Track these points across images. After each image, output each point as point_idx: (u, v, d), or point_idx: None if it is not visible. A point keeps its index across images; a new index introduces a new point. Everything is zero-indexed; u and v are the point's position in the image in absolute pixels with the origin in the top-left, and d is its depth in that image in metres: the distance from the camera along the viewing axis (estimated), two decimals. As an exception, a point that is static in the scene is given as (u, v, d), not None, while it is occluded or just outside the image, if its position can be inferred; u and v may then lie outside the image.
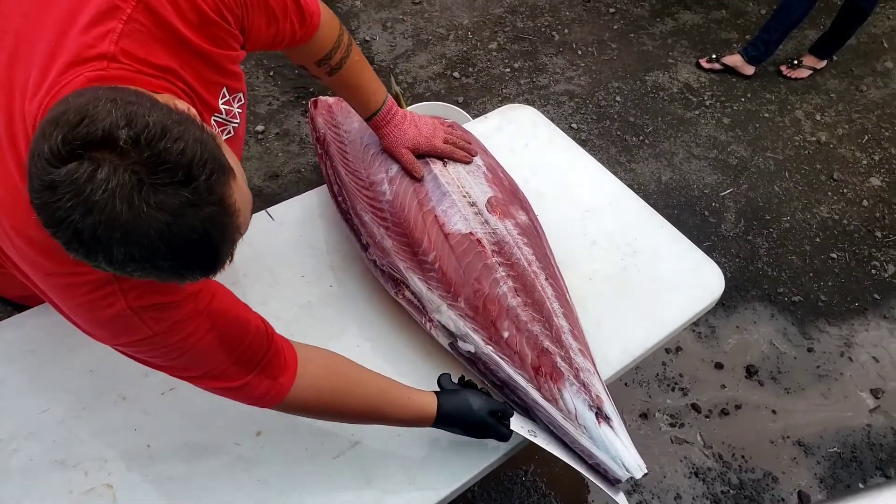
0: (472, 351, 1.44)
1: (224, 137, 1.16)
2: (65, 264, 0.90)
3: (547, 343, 1.41)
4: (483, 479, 1.46)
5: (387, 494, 1.35)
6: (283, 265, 1.72)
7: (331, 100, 1.95)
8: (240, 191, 0.84)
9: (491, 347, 1.43)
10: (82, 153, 0.71)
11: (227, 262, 0.86)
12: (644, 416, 2.62)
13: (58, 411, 1.42)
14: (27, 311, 1.58)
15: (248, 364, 1.12)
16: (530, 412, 1.41)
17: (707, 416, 2.64)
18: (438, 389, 1.36)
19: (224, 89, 1.14)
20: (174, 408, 1.44)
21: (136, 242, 0.75)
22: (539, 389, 1.38)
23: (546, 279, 1.51)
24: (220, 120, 1.16)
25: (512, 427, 1.36)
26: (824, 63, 4.25)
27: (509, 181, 1.74)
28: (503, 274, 1.48)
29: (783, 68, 4.24)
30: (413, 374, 1.51)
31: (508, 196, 1.66)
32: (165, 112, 0.77)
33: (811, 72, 4.22)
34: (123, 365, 1.48)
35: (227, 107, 1.17)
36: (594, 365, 1.43)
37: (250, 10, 1.14)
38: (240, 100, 1.21)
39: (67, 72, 0.88)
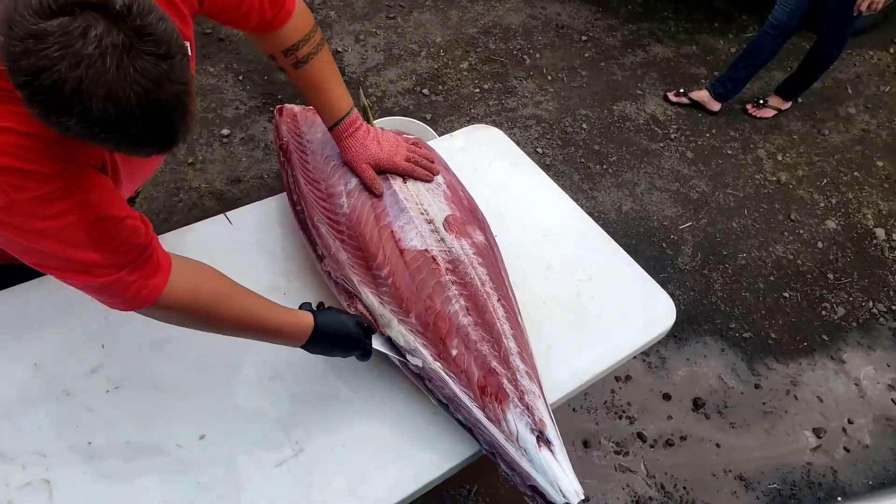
0: (420, 366, 1.44)
1: None
2: None
3: (494, 363, 1.41)
4: (425, 496, 1.45)
5: (327, 505, 1.35)
6: (238, 270, 1.68)
7: (296, 108, 1.95)
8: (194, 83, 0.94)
9: (439, 364, 1.42)
10: (75, 11, 0.77)
11: (181, 141, 0.93)
12: (589, 442, 2.64)
13: (0, 403, 1.40)
14: (-26, 300, 1.56)
15: (120, 262, 1.10)
16: (473, 431, 1.40)
17: (652, 446, 2.67)
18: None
19: None
20: (118, 406, 1.43)
21: (116, 103, 0.81)
22: (483, 409, 1.37)
23: (498, 300, 1.51)
24: None
25: (374, 346, 1.44)
26: (789, 104, 4.32)
27: (469, 200, 1.74)
28: (455, 292, 1.48)
29: (749, 107, 4.31)
30: (362, 388, 1.52)
31: (467, 215, 1.66)
32: None
33: (776, 112, 4.29)
34: (69, 360, 1.48)
35: None
36: (541, 389, 1.42)
37: None
38: (186, 48, 1.26)
39: None
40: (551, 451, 1.33)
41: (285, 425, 1.44)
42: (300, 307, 1.40)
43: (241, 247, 1.77)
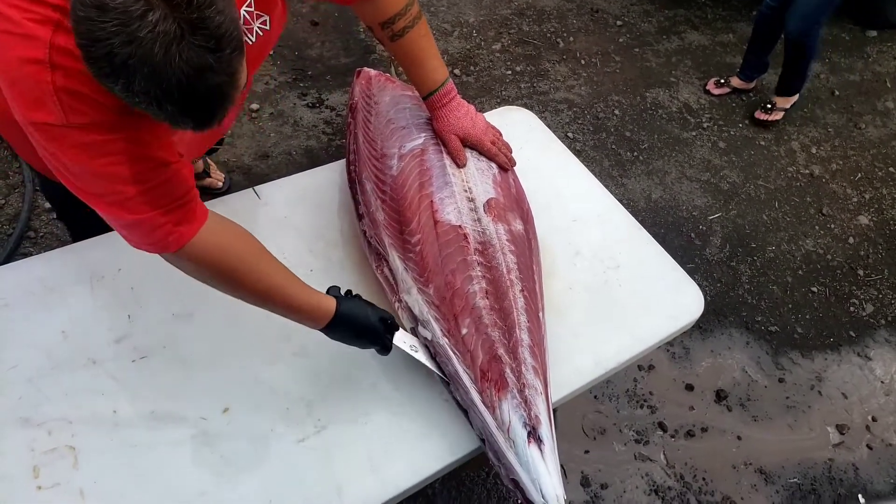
0: (429, 338, 1.44)
1: None
2: None
3: (501, 351, 1.40)
4: (444, 477, 1.46)
5: (348, 482, 1.35)
6: (265, 244, 1.71)
7: (372, 72, 2.03)
8: (245, 72, 0.98)
9: (447, 340, 1.42)
10: None
11: (216, 124, 0.98)
12: (609, 430, 2.63)
13: (27, 368, 1.42)
14: (6, 265, 1.58)
15: (155, 201, 1.12)
16: (468, 413, 1.40)
17: (672, 436, 2.66)
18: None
19: None
20: (144, 376, 1.44)
21: (158, 84, 0.86)
22: (481, 393, 1.36)
23: (521, 290, 1.50)
24: None
25: (395, 342, 1.40)
26: (795, 98, 4.11)
27: (518, 190, 1.76)
28: (479, 273, 1.48)
29: (758, 113, 4.10)
30: (386, 369, 1.52)
31: (510, 202, 1.67)
32: None
33: (784, 111, 4.11)
34: (96, 329, 1.49)
35: (247, 14, 1.26)
36: (545, 386, 1.40)
37: None
38: (264, 22, 1.31)
39: None
40: (540, 449, 1.30)
41: (308, 402, 1.45)
42: (328, 290, 1.39)
43: (269, 221, 1.78)
